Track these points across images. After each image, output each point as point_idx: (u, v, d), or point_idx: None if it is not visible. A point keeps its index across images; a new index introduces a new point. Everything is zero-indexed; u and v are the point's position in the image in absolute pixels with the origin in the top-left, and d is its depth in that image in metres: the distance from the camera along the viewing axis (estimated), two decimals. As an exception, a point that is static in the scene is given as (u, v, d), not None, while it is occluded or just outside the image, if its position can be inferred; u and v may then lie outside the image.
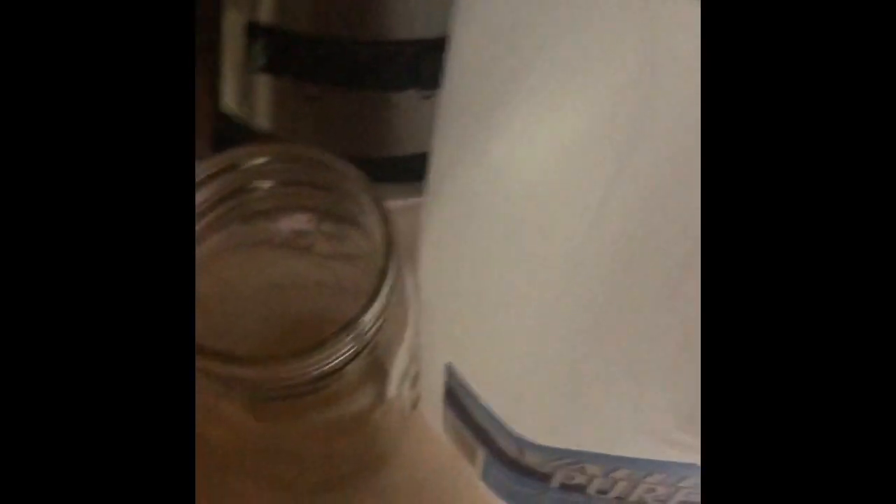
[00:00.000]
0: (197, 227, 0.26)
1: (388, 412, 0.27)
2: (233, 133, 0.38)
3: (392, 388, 0.27)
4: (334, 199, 0.26)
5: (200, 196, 0.26)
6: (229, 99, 0.38)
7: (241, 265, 0.30)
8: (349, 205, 0.26)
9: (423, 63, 0.35)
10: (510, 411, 0.22)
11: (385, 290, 0.23)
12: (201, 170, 0.26)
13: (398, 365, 0.26)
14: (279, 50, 0.34)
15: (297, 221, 0.29)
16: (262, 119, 0.38)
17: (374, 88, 0.35)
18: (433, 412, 0.27)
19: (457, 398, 0.24)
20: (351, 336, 0.22)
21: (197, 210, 0.26)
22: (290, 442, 0.25)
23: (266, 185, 0.27)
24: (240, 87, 0.37)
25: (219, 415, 0.26)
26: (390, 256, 0.23)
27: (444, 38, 0.18)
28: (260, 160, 0.26)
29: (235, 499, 0.31)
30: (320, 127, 0.37)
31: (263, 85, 0.37)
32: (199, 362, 0.21)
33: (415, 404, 0.31)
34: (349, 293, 0.32)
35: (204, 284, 0.28)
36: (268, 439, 0.25)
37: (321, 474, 0.28)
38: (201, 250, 0.27)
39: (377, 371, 0.26)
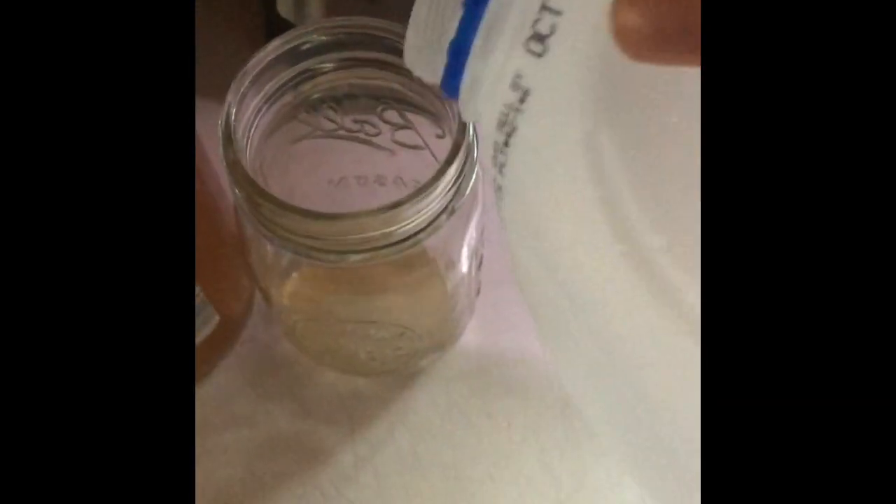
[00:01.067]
0: (266, 119, 0.27)
1: (456, 291, 0.28)
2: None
3: (462, 267, 0.27)
4: (401, 78, 0.26)
5: (265, 85, 0.26)
6: (283, 4, 0.38)
7: (307, 157, 0.30)
8: (416, 85, 0.26)
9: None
10: None
11: (459, 159, 0.23)
12: (263, 55, 0.26)
13: (468, 244, 0.27)
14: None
15: (361, 108, 0.29)
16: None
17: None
18: None
19: None
20: (426, 200, 0.23)
21: (264, 100, 0.26)
22: (367, 313, 0.26)
23: (328, 66, 0.27)
24: (293, -8, 0.37)
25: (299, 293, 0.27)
26: (465, 126, 0.23)
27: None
28: (322, 38, 0.26)
29: (315, 385, 0.32)
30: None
31: (317, -11, 0.36)
32: (287, 225, 0.22)
33: (478, 291, 0.32)
34: (409, 188, 0.32)
35: (272, 180, 0.29)
36: (344, 311, 0.26)
37: (391, 351, 0.29)
38: (269, 143, 0.28)
39: (450, 247, 0.26)
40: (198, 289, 0.27)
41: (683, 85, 0.13)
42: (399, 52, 0.26)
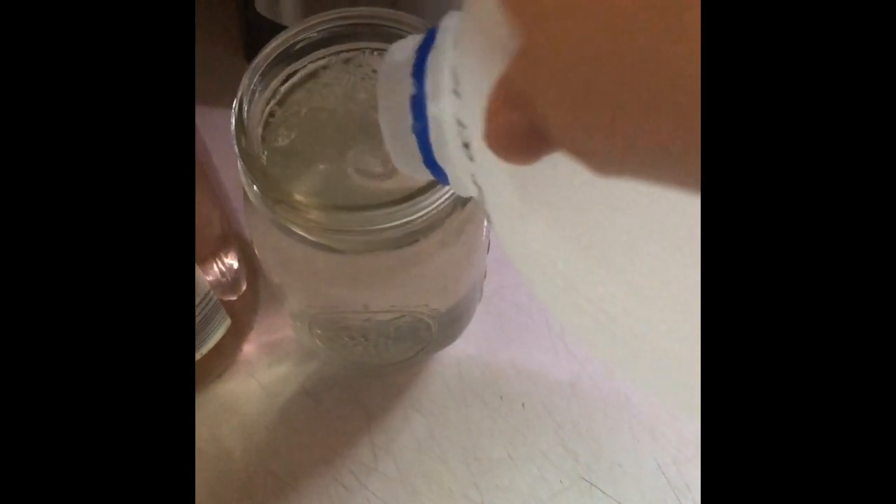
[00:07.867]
0: (278, 115, 0.27)
1: (472, 276, 0.28)
2: (264, 39, 0.38)
3: (478, 253, 0.27)
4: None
5: (273, 91, 0.26)
6: (260, 1, 0.38)
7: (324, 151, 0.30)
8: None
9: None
10: None
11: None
12: (261, 59, 0.26)
13: (483, 230, 0.27)
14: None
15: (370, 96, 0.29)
16: (293, 21, 0.37)
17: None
18: None
19: None
20: (443, 189, 0.23)
21: (273, 104, 0.26)
22: (387, 302, 0.26)
23: (332, 61, 0.27)
24: (270, -11, 0.37)
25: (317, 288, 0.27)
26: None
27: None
28: (313, 34, 0.26)
29: (328, 379, 0.32)
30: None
31: (294, -15, 0.36)
32: (308, 217, 0.22)
33: (484, 275, 0.32)
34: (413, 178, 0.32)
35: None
36: (365, 302, 0.26)
37: (411, 341, 0.29)
38: (283, 143, 0.27)
39: (467, 233, 0.26)
40: (211, 293, 0.27)
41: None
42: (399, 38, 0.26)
